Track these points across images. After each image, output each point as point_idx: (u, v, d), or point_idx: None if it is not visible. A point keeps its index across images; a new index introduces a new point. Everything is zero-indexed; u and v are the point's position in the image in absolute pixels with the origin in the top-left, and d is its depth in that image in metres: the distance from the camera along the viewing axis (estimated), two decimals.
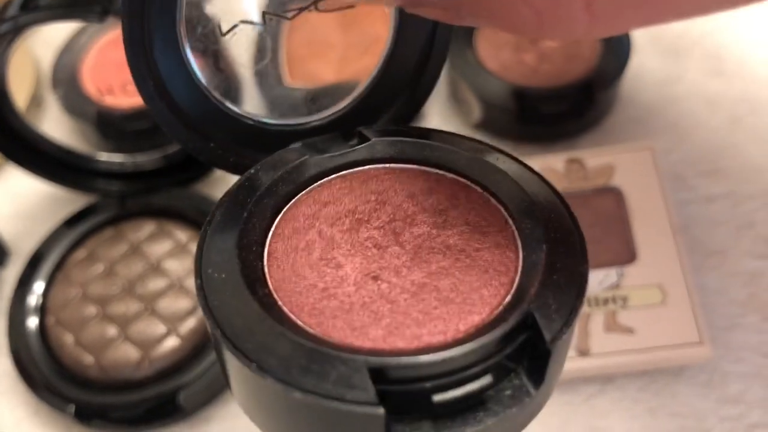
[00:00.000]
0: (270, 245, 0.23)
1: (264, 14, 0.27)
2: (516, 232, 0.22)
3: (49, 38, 0.48)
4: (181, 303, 0.38)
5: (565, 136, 0.43)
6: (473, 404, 0.19)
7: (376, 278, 0.21)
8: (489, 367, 0.19)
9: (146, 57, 0.24)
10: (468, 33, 0.43)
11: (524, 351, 0.19)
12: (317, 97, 0.28)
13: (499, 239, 0.22)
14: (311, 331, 0.20)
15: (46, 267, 0.41)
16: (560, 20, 0.19)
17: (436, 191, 0.24)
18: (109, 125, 0.43)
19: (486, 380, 0.19)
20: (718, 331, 0.36)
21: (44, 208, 0.46)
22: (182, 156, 0.43)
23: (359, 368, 0.18)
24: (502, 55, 0.43)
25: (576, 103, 0.41)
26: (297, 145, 0.25)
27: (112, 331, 0.38)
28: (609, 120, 0.43)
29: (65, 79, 0.45)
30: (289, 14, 0.27)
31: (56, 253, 0.41)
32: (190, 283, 0.39)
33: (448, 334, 0.20)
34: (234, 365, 0.20)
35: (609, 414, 0.35)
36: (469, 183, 0.24)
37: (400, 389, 0.18)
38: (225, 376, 0.22)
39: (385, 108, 0.27)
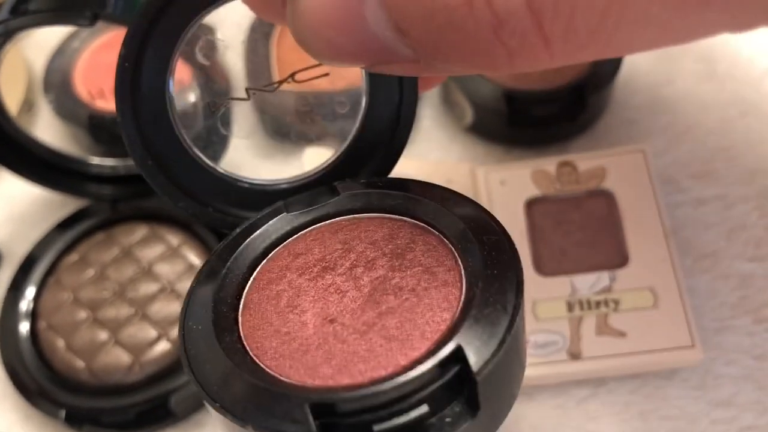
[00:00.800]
0: (246, 296, 0.25)
1: (247, 90, 0.31)
2: (462, 271, 0.24)
3: (41, 41, 0.48)
4: (172, 307, 0.38)
5: (557, 138, 0.43)
6: None
7: (332, 321, 0.24)
8: (424, 397, 0.20)
9: (143, 139, 0.27)
10: None
11: (461, 381, 0.21)
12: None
13: (447, 278, 0.24)
14: (270, 372, 0.22)
15: (38, 271, 0.41)
16: (526, 57, 0.20)
17: (396, 237, 0.26)
18: (100, 129, 0.43)
19: (423, 410, 0.20)
20: (709, 333, 0.36)
21: (36, 212, 0.45)
22: None
23: (301, 404, 0.20)
24: None
25: (568, 106, 0.41)
26: (280, 203, 0.28)
27: (103, 335, 0.38)
28: (601, 122, 0.43)
29: (57, 82, 0.45)
30: (271, 88, 0.31)
31: (48, 257, 0.41)
32: (182, 287, 0.39)
33: (389, 369, 0.21)
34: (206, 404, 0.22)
35: (601, 417, 0.35)
36: (426, 227, 0.26)
37: (344, 422, 0.20)
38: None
39: (365, 161, 0.30)
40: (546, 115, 0.41)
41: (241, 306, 0.25)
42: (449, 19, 0.19)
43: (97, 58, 0.46)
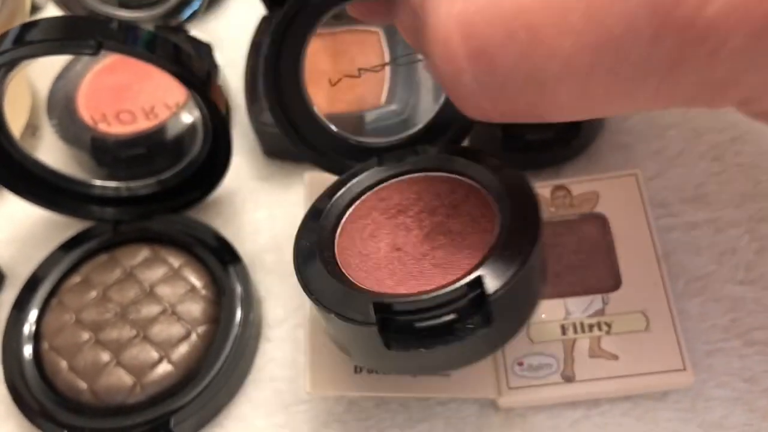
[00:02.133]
0: (342, 225, 0.34)
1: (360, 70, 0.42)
2: (498, 222, 0.31)
3: (46, 65, 0.49)
4: (174, 329, 0.39)
5: (551, 162, 0.43)
6: (443, 332, 0.28)
7: (398, 249, 0.32)
8: (453, 309, 0.28)
9: (282, 106, 0.36)
10: None
11: (480, 300, 0.28)
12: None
13: (486, 226, 0.32)
14: (351, 279, 0.30)
15: (41, 292, 0.41)
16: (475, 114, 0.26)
17: (455, 192, 0.34)
18: (103, 152, 0.44)
19: (451, 317, 0.28)
20: (700, 355, 0.37)
21: (40, 233, 0.46)
22: (176, 181, 0.43)
23: (367, 303, 0.28)
24: None
25: (562, 131, 0.42)
26: (374, 158, 0.36)
27: (105, 356, 0.38)
28: (595, 147, 0.44)
29: (60, 106, 0.45)
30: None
31: (51, 278, 0.42)
32: (183, 309, 0.40)
33: (431, 286, 0.28)
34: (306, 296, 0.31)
35: None
36: (478, 186, 0.33)
37: (396, 319, 0.28)
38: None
39: (444, 132, 0.38)
40: (540, 140, 0.42)
41: (338, 232, 0.33)
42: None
43: (100, 81, 0.47)
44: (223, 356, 0.38)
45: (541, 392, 0.36)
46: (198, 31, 0.51)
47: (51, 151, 0.46)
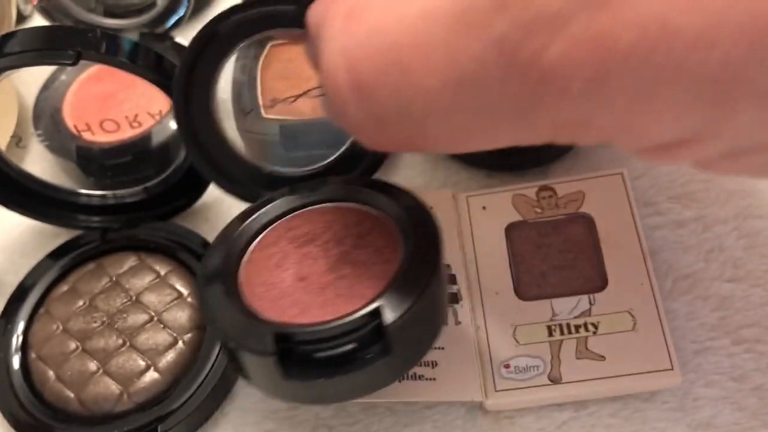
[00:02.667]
0: (250, 254, 0.34)
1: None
2: (402, 253, 0.31)
3: (33, 74, 0.49)
4: (160, 337, 0.39)
5: (537, 163, 0.43)
6: (343, 361, 0.29)
7: (303, 279, 0.32)
8: (353, 338, 0.28)
9: (194, 137, 0.37)
10: None
11: (379, 330, 0.28)
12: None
13: (390, 257, 0.32)
14: (253, 309, 0.31)
15: (29, 302, 0.41)
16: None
17: (362, 222, 0.34)
18: (89, 161, 0.44)
19: (349, 346, 0.29)
20: (688, 355, 0.37)
21: (28, 242, 0.46)
22: (162, 189, 0.43)
23: (270, 333, 0.28)
24: None
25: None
26: (287, 188, 0.36)
27: (92, 366, 0.38)
28: (580, 147, 0.44)
29: (46, 116, 0.45)
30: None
31: (39, 287, 0.42)
32: (169, 316, 0.39)
33: (334, 316, 0.29)
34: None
35: None
36: (385, 216, 0.34)
37: (296, 349, 0.29)
38: None
39: (357, 163, 0.39)
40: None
41: (244, 259, 0.33)
42: None
43: (86, 90, 0.47)
44: (210, 363, 0.38)
45: (528, 394, 0.36)
46: (184, 38, 0.51)
47: (37, 161, 0.46)
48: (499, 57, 0.20)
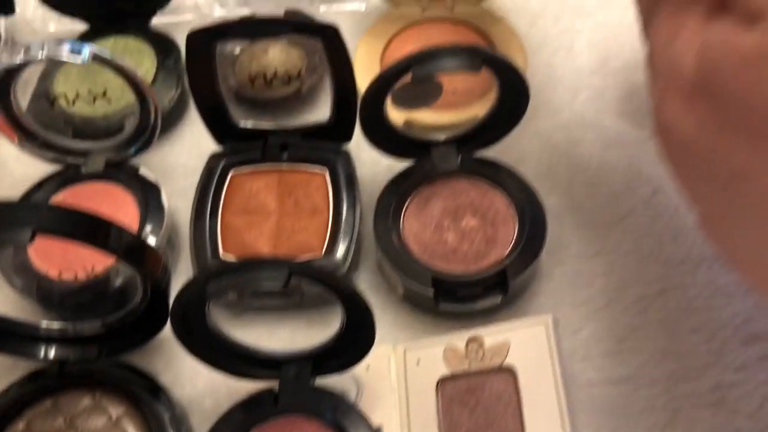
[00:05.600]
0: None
1: None
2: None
3: None
4: None
5: (482, 311, 0.45)
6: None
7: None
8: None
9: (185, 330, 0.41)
10: (397, 211, 0.46)
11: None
12: None
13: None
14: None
15: None
16: None
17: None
18: (50, 299, 0.45)
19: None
20: None
21: None
22: (120, 325, 0.45)
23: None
24: (425, 235, 0.45)
25: (491, 288, 0.43)
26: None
27: None
28: (527, 293, 0.46)
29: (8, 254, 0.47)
30: None
31: None
32: None
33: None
34: None
35: None
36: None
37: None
38: None
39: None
40: (470, 295, 0.44)
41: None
42: None
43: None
44: None
45: None
46: (150, 156, 0.52)
47: None
48: None
